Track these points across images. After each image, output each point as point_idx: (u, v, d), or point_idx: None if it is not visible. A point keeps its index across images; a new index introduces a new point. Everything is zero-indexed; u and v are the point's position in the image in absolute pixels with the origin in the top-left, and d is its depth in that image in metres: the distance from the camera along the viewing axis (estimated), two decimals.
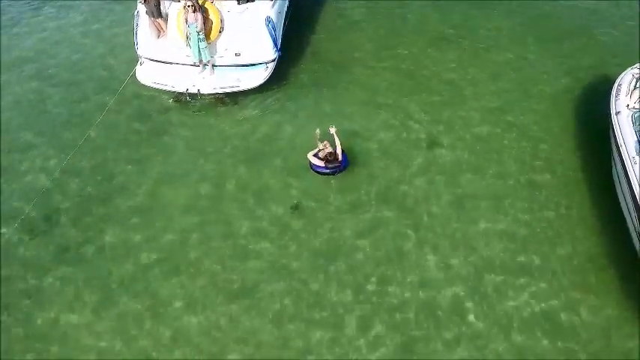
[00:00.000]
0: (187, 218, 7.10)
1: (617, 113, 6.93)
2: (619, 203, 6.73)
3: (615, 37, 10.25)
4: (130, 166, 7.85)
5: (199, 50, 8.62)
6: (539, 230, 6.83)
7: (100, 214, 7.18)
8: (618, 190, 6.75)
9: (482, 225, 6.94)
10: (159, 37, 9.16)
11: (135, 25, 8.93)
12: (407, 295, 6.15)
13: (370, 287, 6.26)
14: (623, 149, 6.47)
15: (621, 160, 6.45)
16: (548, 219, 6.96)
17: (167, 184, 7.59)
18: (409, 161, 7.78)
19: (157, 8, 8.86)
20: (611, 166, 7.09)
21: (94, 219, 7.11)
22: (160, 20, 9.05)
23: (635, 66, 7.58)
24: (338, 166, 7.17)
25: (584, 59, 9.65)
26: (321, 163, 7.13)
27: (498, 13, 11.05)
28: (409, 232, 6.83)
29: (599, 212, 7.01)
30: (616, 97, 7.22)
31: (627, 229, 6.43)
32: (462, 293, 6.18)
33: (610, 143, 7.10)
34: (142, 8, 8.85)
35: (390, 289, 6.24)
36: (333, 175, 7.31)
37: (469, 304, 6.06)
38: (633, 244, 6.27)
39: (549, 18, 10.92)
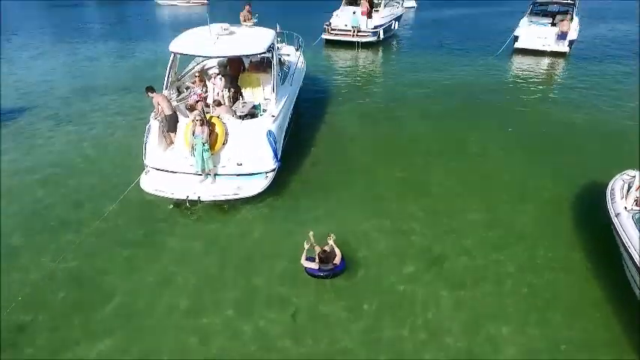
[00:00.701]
0: (178, 328, 6.48)
1: (616, 215, 6.86)
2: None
3: (602, 148, 10.89)
4: (120, 270, 7.51)
5: (203, 160, 9.04)
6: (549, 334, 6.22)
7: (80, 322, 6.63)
8: (636, 290, 6.27)
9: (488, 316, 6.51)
10: (166, 149, 9.73)
11: (145, 137, 9.56)
12: None
13: None
14: (632, 251, 6.25)
15: (632, 261, 6.18)
16: (563, 333, 6.37)
17: (159, 290, 7.16)
18: (406, 268, 7.45)
19: (173, 123, 9.54)
20: (623, 267, 6.74)
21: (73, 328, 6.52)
22: (172, 134, 9.70)
23: (623, 172, 7.84)
24: (332, 268, 6.82)
25: (574, 168, 10.10)
26: (315, 266, 6.80)
27: (489, 130, 11.99)
28: (408, 344, 6.19)
29: (615, 307, 6.52)
30: (612, 201, 7.25)
31: None
32: None
33: (616, 244, 6.88)
34: (154, 123, 9.58)
35: None
36: (328, 278, 6.91)
37: None
38: None
39: (538, 133, 11.80)
